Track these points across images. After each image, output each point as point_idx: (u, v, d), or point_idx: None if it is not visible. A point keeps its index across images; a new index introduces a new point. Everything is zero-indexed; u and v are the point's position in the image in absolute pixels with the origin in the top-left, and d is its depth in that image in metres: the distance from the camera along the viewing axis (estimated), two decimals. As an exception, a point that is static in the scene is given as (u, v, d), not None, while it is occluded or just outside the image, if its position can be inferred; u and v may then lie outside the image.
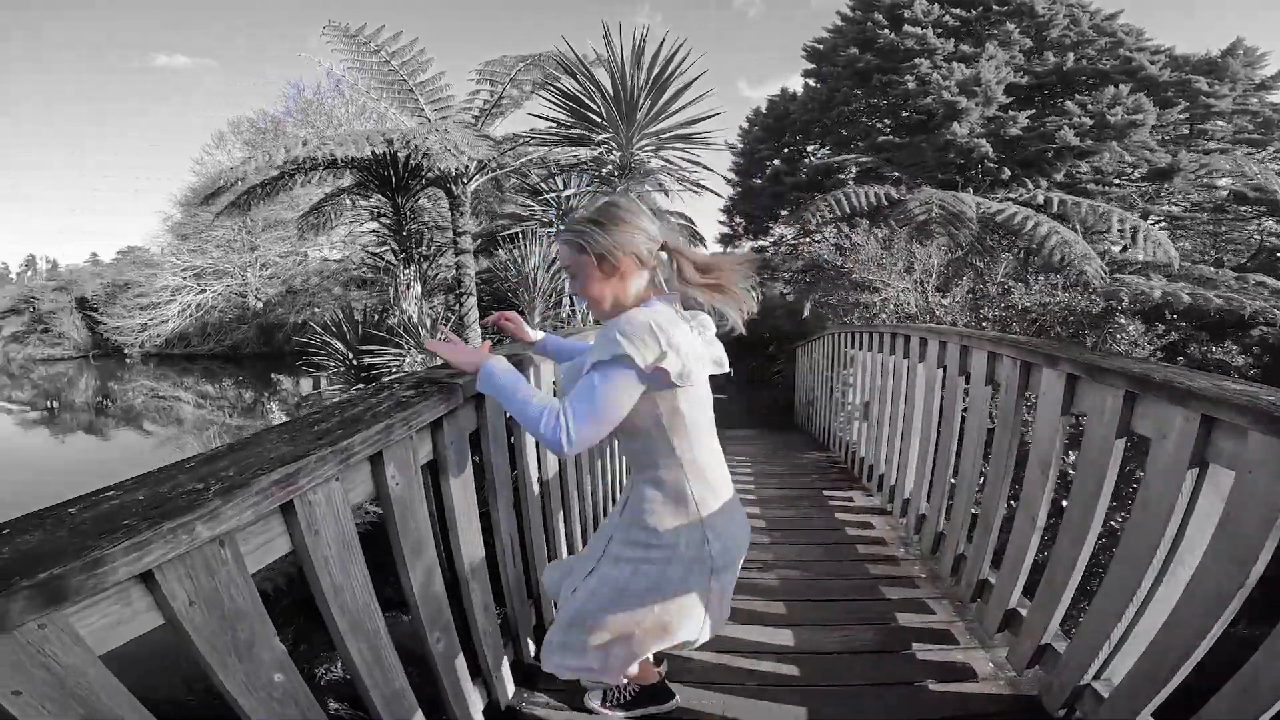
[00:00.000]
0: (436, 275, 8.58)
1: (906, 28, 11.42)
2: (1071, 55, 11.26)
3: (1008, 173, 10.85)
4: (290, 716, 0.91)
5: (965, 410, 2.40)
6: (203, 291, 22.41)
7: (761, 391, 10.56)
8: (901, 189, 9.63)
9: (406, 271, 6.90)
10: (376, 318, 7.69)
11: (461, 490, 1.45)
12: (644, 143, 5.28)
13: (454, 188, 7.07)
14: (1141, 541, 1.36)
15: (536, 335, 1.69)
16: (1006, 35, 11.54)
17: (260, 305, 21.71)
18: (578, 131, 5.14)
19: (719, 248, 16.69)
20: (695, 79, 4.96)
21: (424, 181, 7.07)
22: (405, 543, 1.22)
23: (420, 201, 9.38)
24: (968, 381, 2.42)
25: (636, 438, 1.28)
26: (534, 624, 1.97)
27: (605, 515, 2.91)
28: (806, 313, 9.85)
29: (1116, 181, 11.50)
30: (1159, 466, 1.32)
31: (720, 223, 16.43)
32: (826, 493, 3.77)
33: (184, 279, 22.27)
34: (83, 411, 16.29)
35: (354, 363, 6.72)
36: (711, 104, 5.23)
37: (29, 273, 47.39)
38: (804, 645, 2.04)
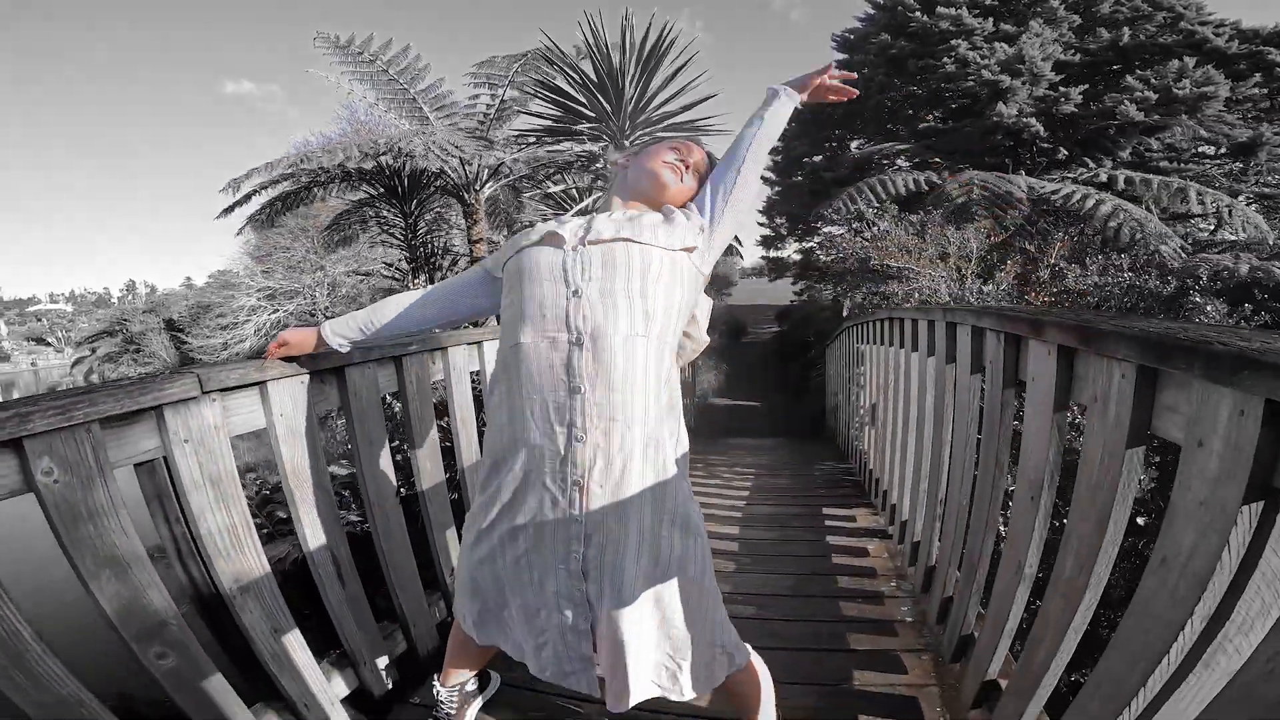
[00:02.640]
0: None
1: (939, 9, 10.94)
2: (1127, 30, 10.61)
3: (1064, 152, 10.30)
4: None
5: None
6: (275, 311, 23.58)
7: (799, 399, 10.03)
8: (944, 174, 8.97)
9: (416, 282, 6.84)
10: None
11: (213, 499, 1.18)
12: (639, 135, 4.98)
13: (466, 195, 7.00)
14: (1165, 594, 0.82)
15: (332, 336, 1.28)
16: (1052, 13, 10.97)
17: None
18: (566, 126, 4.89)
19: (760, 250, 16.20)
20: (689, 60, 4.60)
21: (434, 190, 7.03)
22: (76, 546, 0.96)
23: (448, 214, 9.43)
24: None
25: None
26: (400, 652, 1.70)
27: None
28: (846, 312, 9.38)
29: (1194, 159, 10.48)
30: (1196, 486, 0.77)
31: (760, 224, 15.90)
32: (827, 510, 3.25)
33: (259, 299, 23.53)
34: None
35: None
36: (711, 87, 4.83)
37: (129, 296, 51.67)
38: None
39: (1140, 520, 3.50)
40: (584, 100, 4.66)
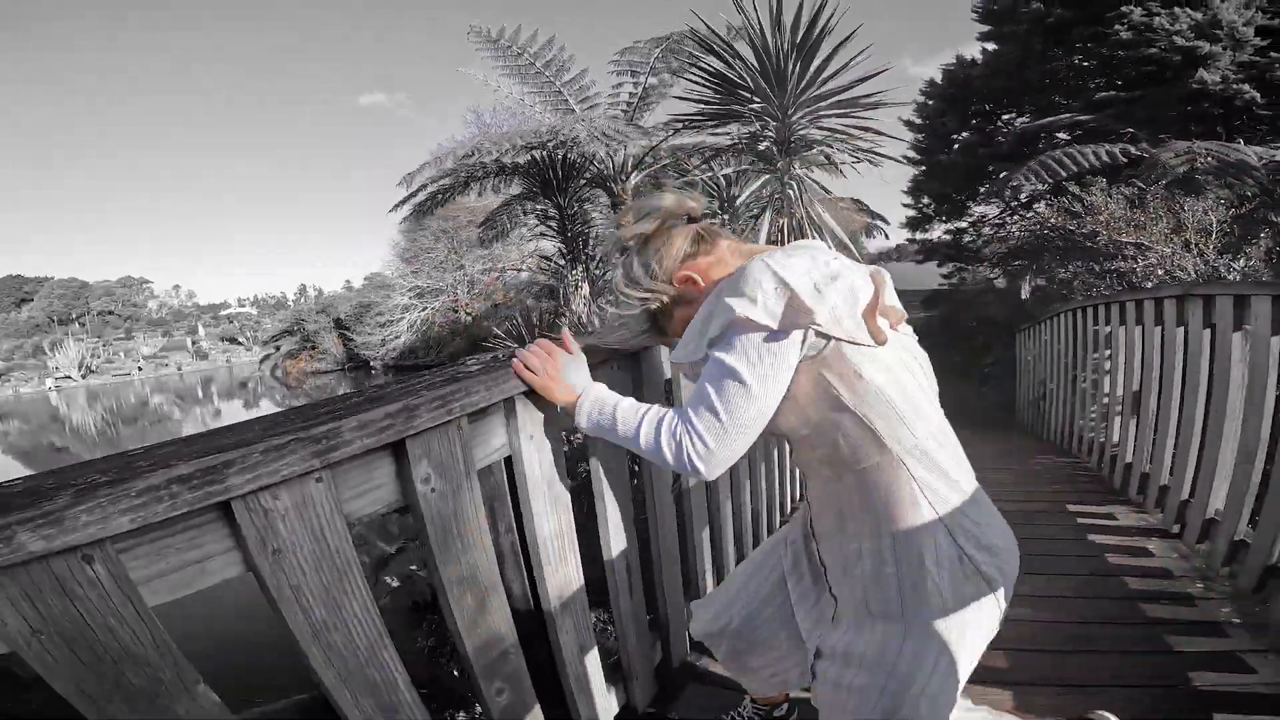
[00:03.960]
0: (605, 273, 8.62)
1: (1107, -27, 9.80)
2: (1328, -7, 9.11)
3: (1290, 119, 8.96)
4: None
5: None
6: (425, 309, 25.45)
7: (970, 388, 9.24)
8: (1142, 146, 7.78)
9: (574, 272, 6.96)
10: (550, 320, 7.91)
11: (548, 501, 1.08)
12: (802, 114, 4.63)
13: (613, 186, 7.01)
14: None
15: None
16: (1239, -23, 9.53)
17: (469, 319, 24.13)
18: (725, 109, 4.67)
19: (904, 233, 15.05)
20: (849, 36, 4.25)
21: (584, 181, 7.10)
22: (446, 569, 0.87)
23: (589, 207, 9.63)
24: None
25: (817, 440, 0.84)
26: (657, 661, 1.58)
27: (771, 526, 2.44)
28: (1026, 294, 8.52)
29: None
30: None
31: (905, 205, 14.75)
32: (1073, 508, 2.93)
33: (410, 298, 25.49)
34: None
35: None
36: (875, 63, 4.47)
37: (300, 299, 58.33)
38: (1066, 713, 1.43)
39: None
40: (748, 81, 4.41)
